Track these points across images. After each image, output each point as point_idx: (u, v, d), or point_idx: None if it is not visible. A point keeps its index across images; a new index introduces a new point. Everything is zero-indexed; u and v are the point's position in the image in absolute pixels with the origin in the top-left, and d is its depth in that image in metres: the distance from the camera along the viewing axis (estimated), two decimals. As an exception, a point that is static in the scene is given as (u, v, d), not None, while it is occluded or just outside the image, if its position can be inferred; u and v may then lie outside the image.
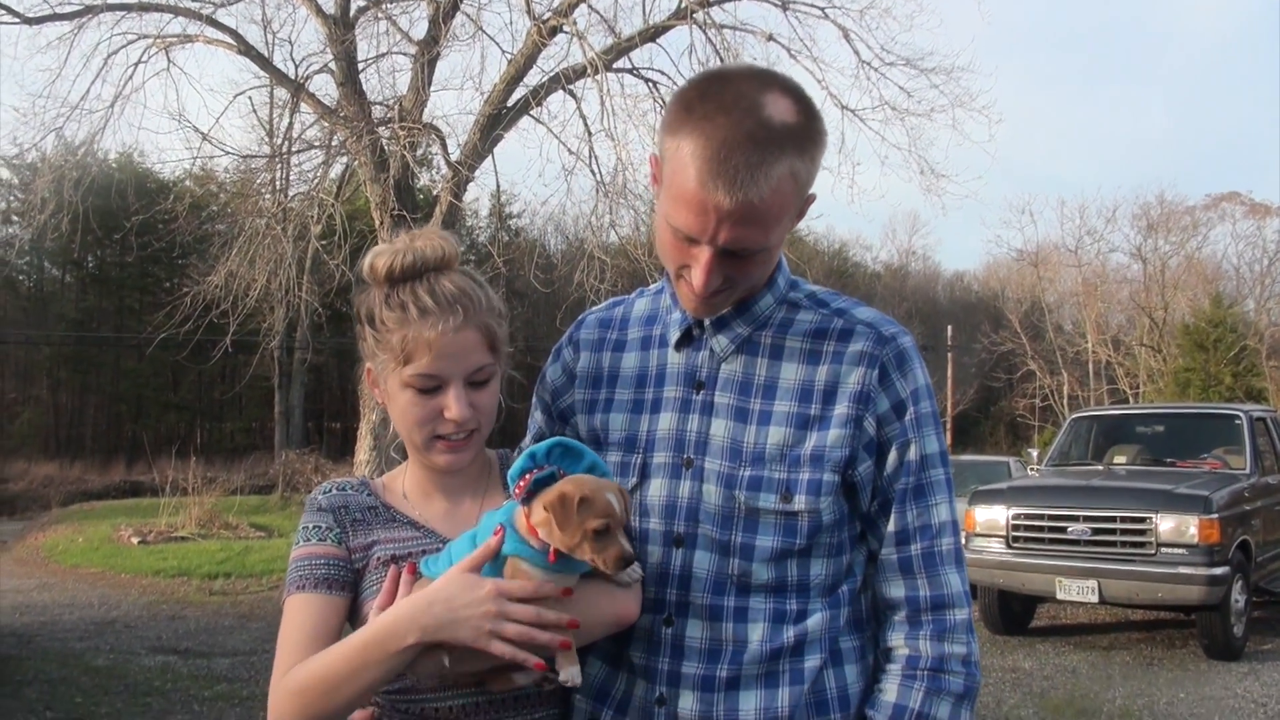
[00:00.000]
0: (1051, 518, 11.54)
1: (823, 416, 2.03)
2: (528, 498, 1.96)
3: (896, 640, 2.04)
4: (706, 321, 2.12)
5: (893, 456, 2.04)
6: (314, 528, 2.15)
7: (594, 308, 2.45)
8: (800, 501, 2.00)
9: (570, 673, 1.92)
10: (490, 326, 2.17)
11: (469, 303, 2.13)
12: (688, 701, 2.02)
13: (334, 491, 2.22)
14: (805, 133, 1.91)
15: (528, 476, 1.98)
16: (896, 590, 2.05)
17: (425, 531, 2.18)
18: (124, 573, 16.80)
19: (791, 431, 2.03)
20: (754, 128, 1.85)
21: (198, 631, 12.40)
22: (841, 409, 2.02)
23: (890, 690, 2.02)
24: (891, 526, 2.05)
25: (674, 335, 2.18)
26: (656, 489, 2.11)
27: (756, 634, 2.02)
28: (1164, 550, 10.81)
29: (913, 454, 2.04)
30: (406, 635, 1.90)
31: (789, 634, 2.02)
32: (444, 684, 2.03)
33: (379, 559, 2.13)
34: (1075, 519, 11.33)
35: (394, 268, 2.14)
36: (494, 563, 1.95)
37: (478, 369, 2.15)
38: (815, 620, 2.03)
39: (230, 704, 9.11)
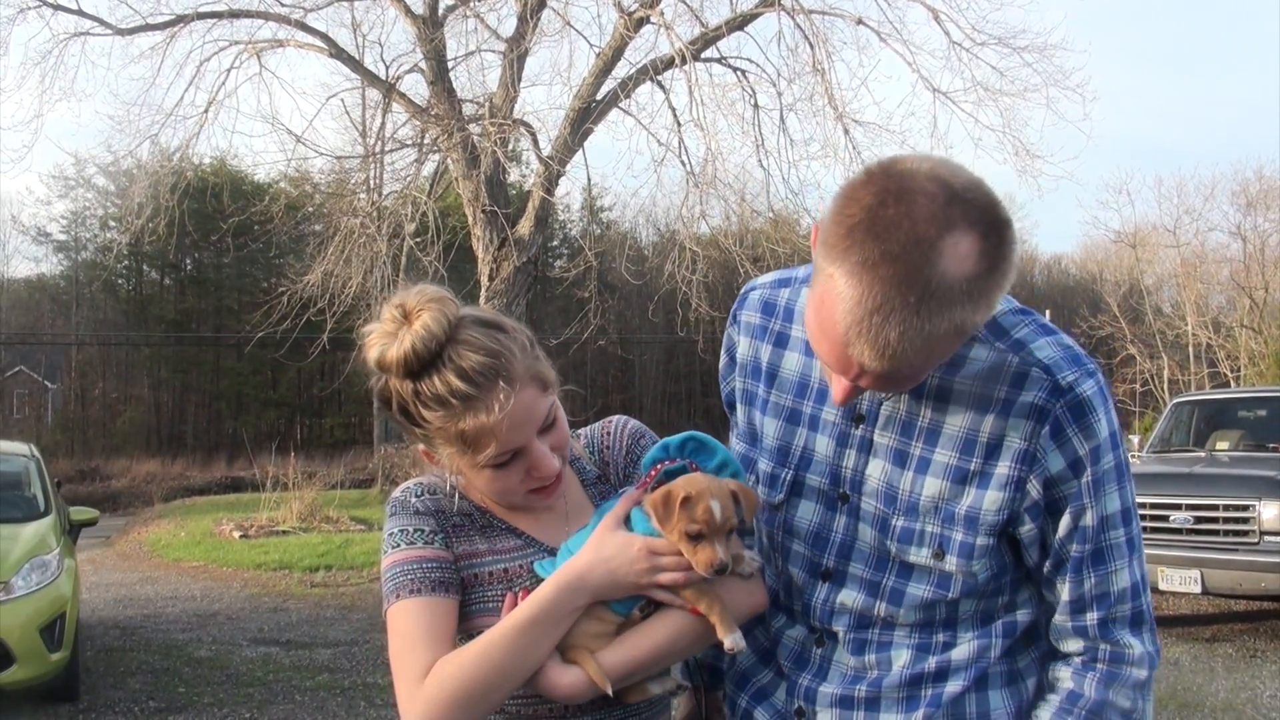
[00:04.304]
0: (1153, 506, 11.24)
1: (983, 473, 1.87)
2: (655, 487, 1.96)
3: (1063, 674, 1.95)
4: None
5: (1065, 520, 1.87)
6: (416, 530, 2.01)
7: (760, 278, 2.23)
8: (952, 562, 1.90)
9: (734, 638, 1.92)
10: (534, 369, 1.99)
11: (504, 364, 1.93)
12: (826, 718, 2.02)
13: (426, 496, 2.07)
14: (985, 280, 1.63)
15: (658, 467, 2.00)
16: (1073, 646, 1.96)
17: (528, 540, 2.07)
18: (225, 566, 17.10)
19: (949, 485, 1.89)
20: (921, 292, 1.59)
21: (299, 623, 12.60)
22: (1003, 468, 1.85)
23: None
24: (1066, 595, 1.92)
25: None
26: (806, 512, 2.04)
27: (900, 662, 1.98)
28: (1267, 539, 10.54)
29: (1089, 519, 1.87)
30: (577, 598, 1.91)
31: (931, 662, 1.97)
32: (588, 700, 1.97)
33: (490, 573, 2.02)
34: (1177, 507, 11.09)
35: (409, 360, 1.92)
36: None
37: (544, 417, 1.99)
38: (961, 650, 1.97)
39: (332, 694, 9.26)
